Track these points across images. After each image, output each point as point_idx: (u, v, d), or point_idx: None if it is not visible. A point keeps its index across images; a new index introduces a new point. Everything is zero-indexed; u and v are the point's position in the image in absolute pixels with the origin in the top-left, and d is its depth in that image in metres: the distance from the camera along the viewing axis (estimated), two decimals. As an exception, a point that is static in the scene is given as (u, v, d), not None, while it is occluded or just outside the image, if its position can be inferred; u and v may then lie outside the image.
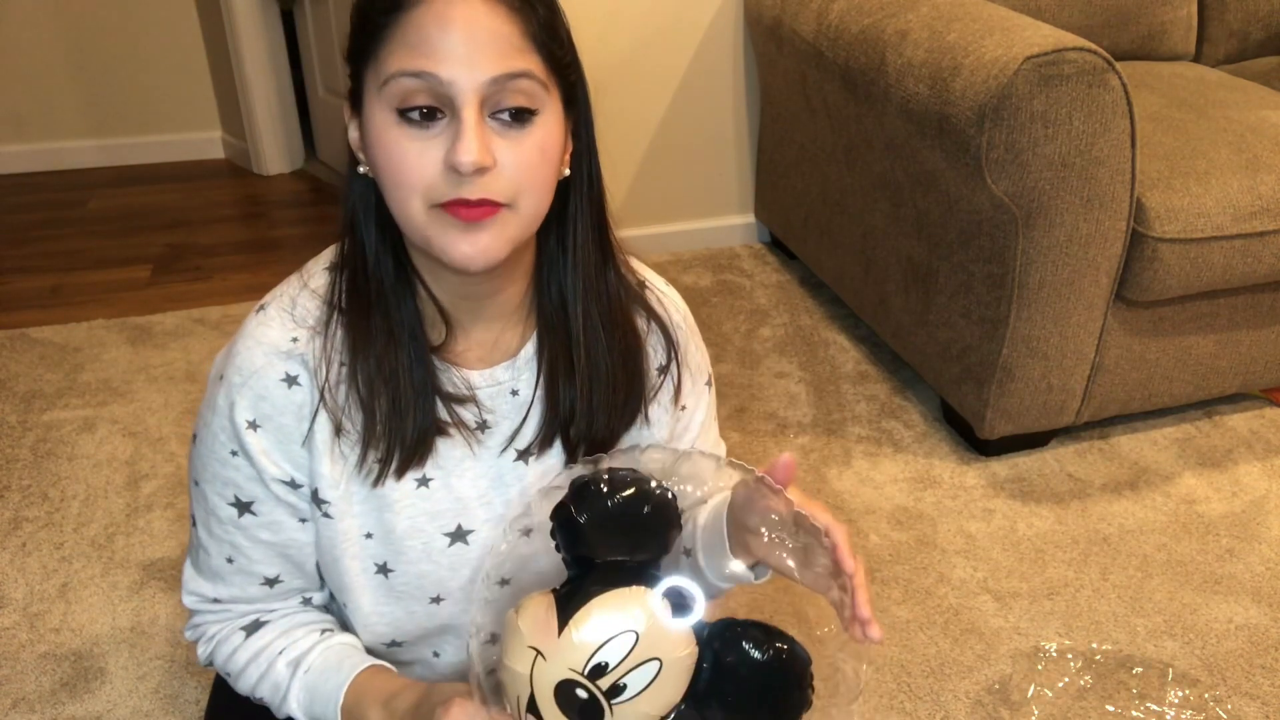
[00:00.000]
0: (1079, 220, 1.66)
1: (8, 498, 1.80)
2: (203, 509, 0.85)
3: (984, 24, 1.68)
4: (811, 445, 1.98)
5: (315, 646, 0.86)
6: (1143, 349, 1.86)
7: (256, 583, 0.87)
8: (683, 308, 0.94)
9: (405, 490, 0.84)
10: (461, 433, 0.83)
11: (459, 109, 0.69)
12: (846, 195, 2.17)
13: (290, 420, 0.80)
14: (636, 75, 2.48)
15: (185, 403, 2.06)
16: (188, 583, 0.89)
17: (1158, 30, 2.34)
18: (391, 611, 0.88)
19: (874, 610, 0.78)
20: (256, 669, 0.87)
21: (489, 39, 0.68)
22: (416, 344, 0.80)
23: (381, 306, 0.79)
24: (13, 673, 1.48)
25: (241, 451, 0.81)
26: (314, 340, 0.80)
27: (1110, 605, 1.62)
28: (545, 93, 0.72)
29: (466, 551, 0.87)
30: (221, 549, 0.85)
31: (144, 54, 3.14)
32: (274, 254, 2.74)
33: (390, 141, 0.70)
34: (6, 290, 2.51)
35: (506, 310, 0.84)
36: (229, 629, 0.89)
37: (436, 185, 0.70)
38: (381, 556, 0.85)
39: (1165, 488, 1.87)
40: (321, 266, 0.84)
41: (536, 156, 0.72)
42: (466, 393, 0.83)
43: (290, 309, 0.81)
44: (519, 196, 0.72)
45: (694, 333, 0.95)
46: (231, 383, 0.80)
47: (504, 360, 0.85)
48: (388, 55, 0.69)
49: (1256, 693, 1.47)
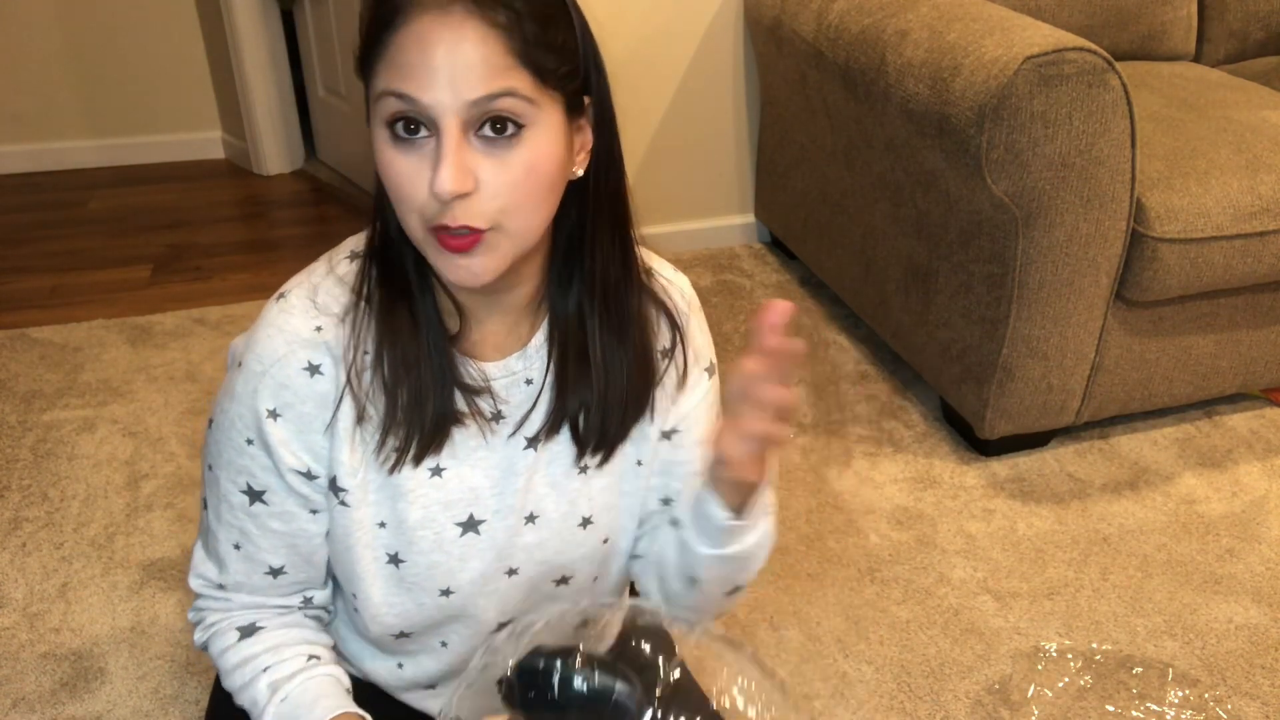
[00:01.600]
0: (1079, 220, 1.66)
1: (8, 498, 1.80)
2: (214, 494, 0.86)
3: (984, 24, 1.68)
4: (811, 445, 1.98)
5: (298, 674, 0.87)
6: (1143, 349, 1.86)
7: (261, 571, 0.87)
8: (689, 294, 0.94)
9: (420, 479, 0.84)
10: (477, 421, 0.84)
11: (439, 131, 0.69)
12: (846, 195, 2.17)
13: (312, 408, 0.80)
14: (636, 75, 2.48)
15: (185, 403, 2.06)
16: (196, 565, 0.90)
17: (1158, 30, 2.34)
18: (401, 602, 0.88)
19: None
20: (241, 677, 0.87)
21: (469, 62, 0.68)
22: (436, 333, 0.81)
23: (408, 295, 0.80)
24: (13, 673, 1.48)
25: (259, 441, 0.81)
26: (338, 328, 0.80)
27: (1110, 605, 1.62)
28: (533, 108, 0.71)
29: (477, 542, 0.87)
30: (230, 534, 0.86)
31: (144, 54, 3.14)
32: (274, 254, 2.74)
33: (386, 158, 0.72)
34: (6, 290, 2.51)
35: (520, 304, 0.84)
36: (225, 624, 0.89)
37: (428, 207, 0.71)
38: (394, 546, 0.86)
39: (1165, 488, 1.87)
40: (344, 255, 0.84)
41: (522, 174, 0.71)
42: (482, 384, 0.84)
43: (313, 296, 0.81)
44: (506, 217, 0.72)
45: (700, 320, 0.95)
46: (252, 370, 0.80)
47: (517, 349, 0.86)
48: (380, 72, 0.71)
49: (1256, 693, 1.47)
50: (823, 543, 1.73)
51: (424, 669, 0.95)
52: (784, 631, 1.55)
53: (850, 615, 1.60)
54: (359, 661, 0.97)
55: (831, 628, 1.57)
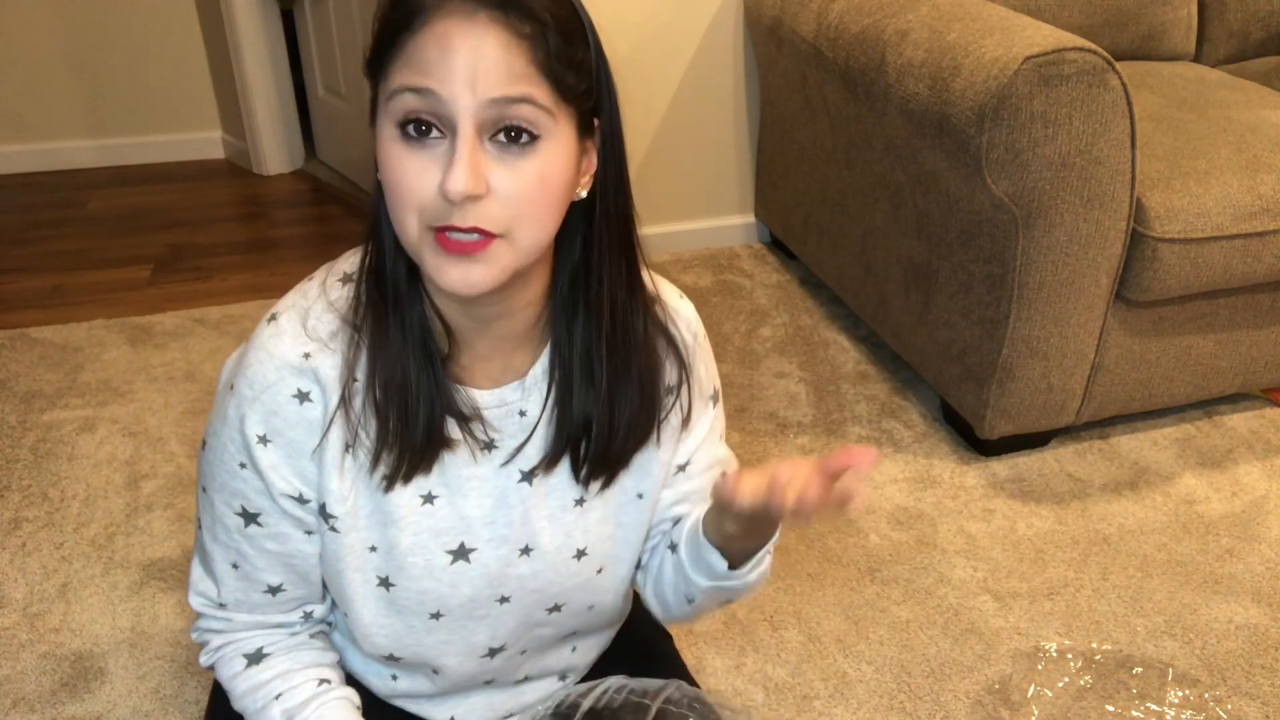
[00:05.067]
0: (1079, 220, 1.66)
1: (8, 498, 1.80)
2: (209, 515, 0.86)
3: (984, 24, 1.68)
4: (811, 445, 1.98)
5: (312, 700, 0.87)
6: (1143, 349, 1.86)
7: (260, 590, 0.87)
8: (695, 326, 0.92)
9: (411, 506, 0.84)
10: (469, 445, 0.83)
11: (456, 130, 0.68)
12: (846, 195, 2.17)
13: (301, 435, 0.80)
14: (636, 75, 2.48)
15: (185, 403, 2.06)
16: (195, 583, 0.90)
17: (1158, 30, 2.34)
18: (391, 624, 0.88)
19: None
20: (253, 703, 0.88)
21: (491, 65, 0.68)
22: (424, 352, 0.80)
23: (399, 312, 0.79)
24: (13, 673, 1.48)
25: (251, 465, 0.81)
26: (328, 355, 0.79)
27: (1110, 605, 1.62)
28: (550, 120, 0.70)
29: (468, 570, 0.87)
30: (227, 554, 0.86)
31: (144, 54, 3.14)
32: (274, 254, 2.74)
33: (392, 156, 0.71)
34: (6, 290, 2.51)
35: (516, 333, 0.82)
36: (231, 651, 0.90)
37: (431, 207, 0.70)
38: (384, 570, 0.85)
39: (1165, 488, 1.87)
40: (338, 277, 0.83)
41: (534, 185, 0.70)
42: (472, 411, 0.83)
43: (303, 321, 0.80)
44: (514, 226, 0.71)
45: (705, 350, 0.94)
46: (243, 395, 0.80)
47: (512, 380, 0.84)
48: (395, 71, 0.70)
49: (1256, 693, 1.47)
50: (823, 543, 1.73)
51: (418, 685, 0.96)
52: (784, 631, 1.55)
53: (850, 615, 1.60)
54: (354, 670, 0.97)
55: (831, 628, 1.57)
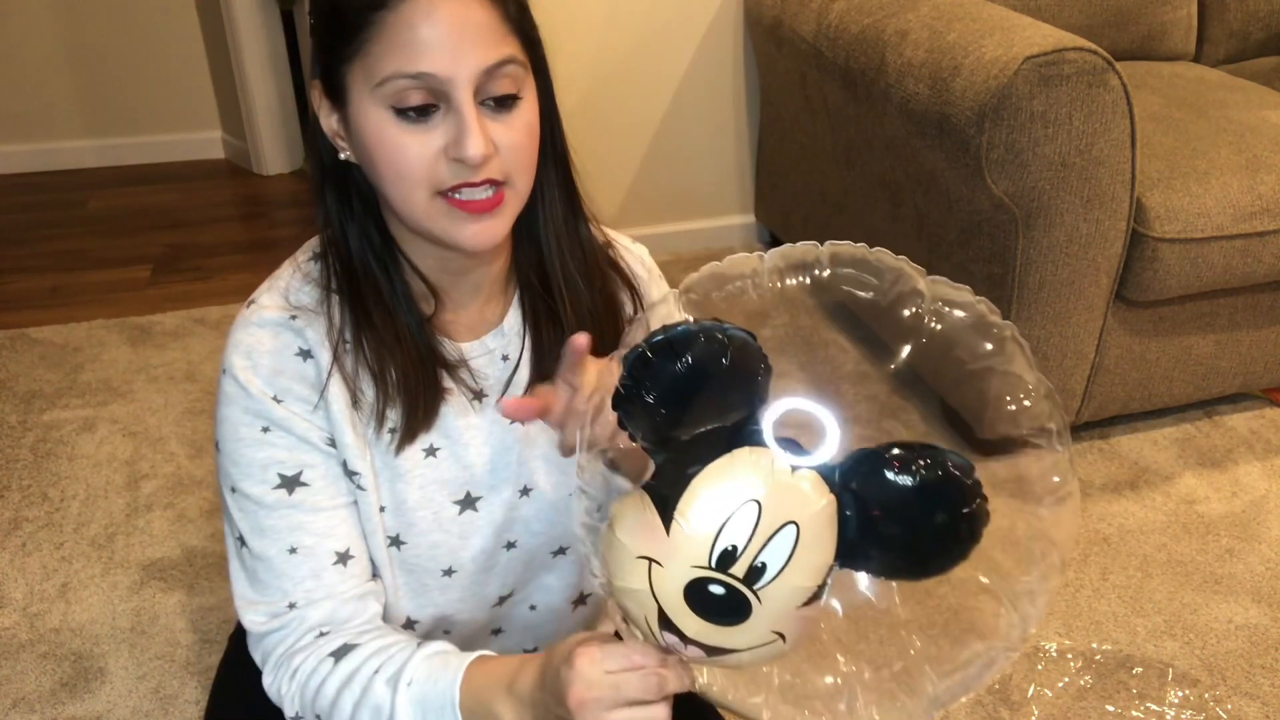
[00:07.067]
0: (1079, 220, 1.66)
1: (8, 498, 1.80)
2: (247, 516, 0.82)
3: (984, 24, 1.68)
4: (811, 445, 1.98)
5: (413, 658, 0.79)
6: (1143, 349, 1.86)
7: (329, 563, 0.82)
8: (648, 261, 0.97)
9: (415, 460, 0.85)
10: (461, 392, 0.86)
11: (456, 103, 0.72)
12: (846, 195, 2.17)
13: (308, 390, 0.81)
14: (636, 75, 2.48)
15: (185, 403, 2.06)
16: (249, 608, 0.83)
17: (1158, 30, 2.34)
18: (406, 584, 0.88)
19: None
20: (350, 695, 0.78)
21: (475, 31, 0.71)
22: (412, 314, 0.83)
23: (371, 282, 0.82)
24: (13, 673, 1.48)
25: (274, 424, 0.80)
26: (314, 319, 0.82)
27: (1110, 605, 1.62)
28: (525, 72, 0.75)
29: (476, 519, 0.88)
30: (281, 542, 0.81)
31: (144, 54, 3.14)
32: (274, 254, 2.72)
33: (390, 138, 0.73)
34: (6, 290, 2.51)
35: (491, 281, 0.87)
36: (315, 658, 0.81)
37: (439, 174, 0.74)
38: (394, 529, 0.86)
39: (1165, 488, 1.87)
40: (307, 256, 0.86)
41: (525, 136, 0.76)
42: (459, 361, 0.86)
43: (284, 295, 0.83)
44: (514, 175, 0.76)
45: (660, 283, 0.97)
46: (239, 367, 0.80)
47: (490, 329, 0.88)
48: (380, 55, 0.71)
49: (1256, 693, 1.47)
50: (823, 543, 1.73)
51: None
52: (784, 631, 1.55)
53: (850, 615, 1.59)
54: None
55: (833, 628, 1.57)
